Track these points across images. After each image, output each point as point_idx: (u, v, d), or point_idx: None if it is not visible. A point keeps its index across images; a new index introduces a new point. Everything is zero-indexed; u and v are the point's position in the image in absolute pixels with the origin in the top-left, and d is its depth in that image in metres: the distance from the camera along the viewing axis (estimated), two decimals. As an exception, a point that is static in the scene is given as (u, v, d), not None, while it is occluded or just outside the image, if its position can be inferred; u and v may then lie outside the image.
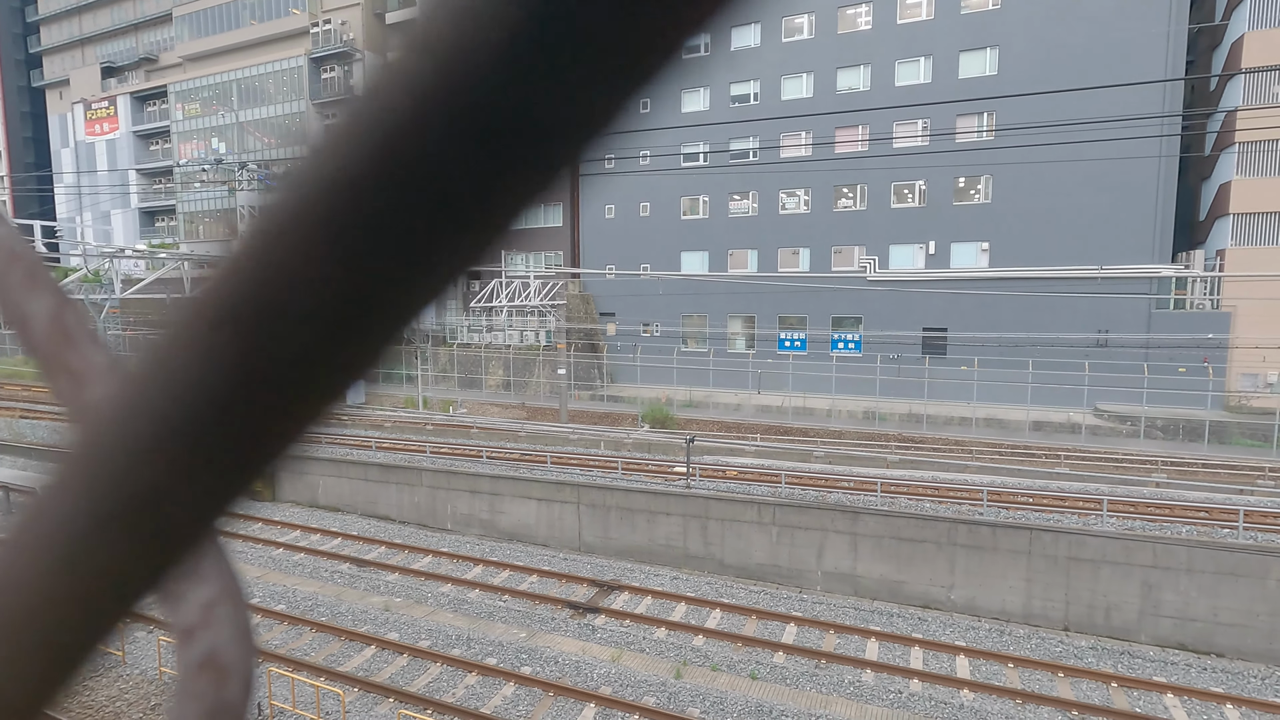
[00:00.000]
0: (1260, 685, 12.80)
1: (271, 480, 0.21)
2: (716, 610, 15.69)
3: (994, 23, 31.27)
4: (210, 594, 0.28)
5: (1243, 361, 28.43)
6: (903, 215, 33.56)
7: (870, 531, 16.54)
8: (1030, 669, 13.29)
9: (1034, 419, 28.36)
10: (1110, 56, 28.84)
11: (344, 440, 26.19)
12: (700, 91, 37.15)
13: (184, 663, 0.26)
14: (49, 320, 0.32)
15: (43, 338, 0.32)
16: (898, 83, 33.13)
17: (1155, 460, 23.46)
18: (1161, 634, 14.35)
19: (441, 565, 18.56)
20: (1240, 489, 19.49)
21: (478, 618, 15.47)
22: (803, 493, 18.47)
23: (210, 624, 0.27)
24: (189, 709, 0.25)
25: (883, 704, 12.14)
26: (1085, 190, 29.92)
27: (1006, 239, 31.57)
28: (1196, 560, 14.14)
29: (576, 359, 36.93)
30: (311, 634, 14.69)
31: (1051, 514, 16.45)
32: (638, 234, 38.95)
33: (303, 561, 18.94)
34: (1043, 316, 30.38)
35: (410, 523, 22.05)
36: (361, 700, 12.27)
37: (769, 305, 35.68)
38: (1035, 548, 15.26)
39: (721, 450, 25.11)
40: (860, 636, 14.50)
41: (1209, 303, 29.76)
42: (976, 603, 15.71)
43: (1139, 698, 12.37)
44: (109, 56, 62.58)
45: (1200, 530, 15.14)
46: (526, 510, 20.35)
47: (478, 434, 28.55)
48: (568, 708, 11.90)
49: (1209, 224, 30.88)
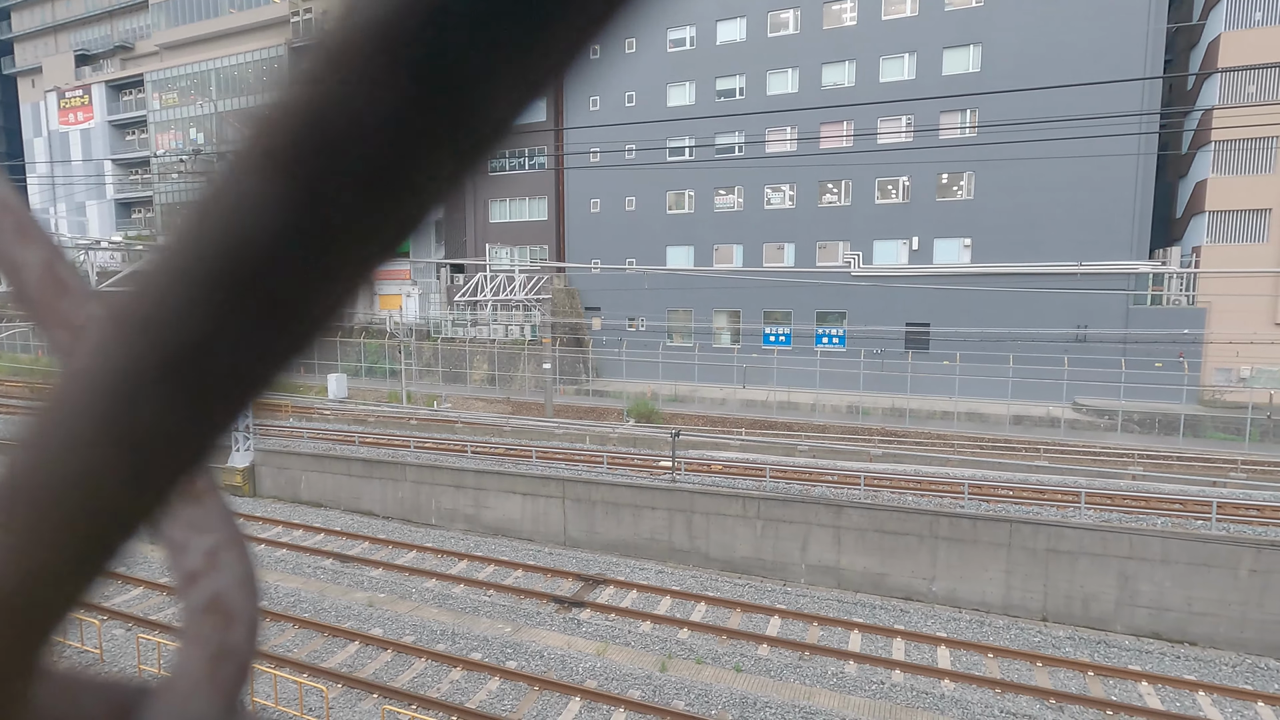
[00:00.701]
0: (1231, 673, 13.10)
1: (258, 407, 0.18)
2: (701, 603, 15.76)
3: (977, 20, 31.50)
4: (213, 542, 0.28)
5: (1217, 357, 28.99)
6: (886, 211, 33.79)
7: (854, 525, 16.69)
8: (1009, 659, 13.50)
9: (1014, 413, 28.74)
10: (1090, 55, 29.17)
11: (327, 435, 25.95)
12: (686, 85, 37.09)
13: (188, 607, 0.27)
14: (42, 270, 0.32)
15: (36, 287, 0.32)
16: (882, 79, 33.30)
17: (1132, 453, 23.88)
18: (1137, 624, 14.63)
19: (426, 560, 18.47)
20: (1213, 481, 19.89)
21: (462, 613, 15.42)
22: (787, 487, 18.58)
23: (214, 569, 0.28)
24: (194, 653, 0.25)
25: (865, 695, 12.28)
26: (1065, 187, 30.30)
27: (988, 235, 31.90)
28: (1171, 551, 14.42)
29: (562, 353, 36.84)
30: (294, 630, 14.57)
31: (1031, 507, 16.69)
32: (623, 228, 38.87)
33: (285, 558, 18.77)
34: (1023, 312, 30.77)
35: (394, 518, 21.92)
36: (345, 696, 12.20)
37: (754, 300, 35.79)
38: (1015, 540, 15.49)
39: (707, 444, 25.20)
40: (843, 628, 14.64)
41: (1185, 299, 30.29)
42: (957, 594, 15.92)
43: (1114, 686, 12.61)
44: (83, 44, 61.25)
45: (1175, 522, 15.44)
46: (511, 505, 20.30)
47: (462, 429, 28.41)
48: (553, 702, 11.92)
49: (1185, 221, 31.40)
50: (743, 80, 35.89)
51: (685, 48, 36.88)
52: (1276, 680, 12.87)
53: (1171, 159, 32.43)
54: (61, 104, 59.35)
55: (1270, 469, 21.77)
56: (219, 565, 0.28)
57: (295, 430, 26.91)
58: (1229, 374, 29.03)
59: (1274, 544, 13.85)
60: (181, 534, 0.28)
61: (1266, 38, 27.82)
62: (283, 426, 27.96)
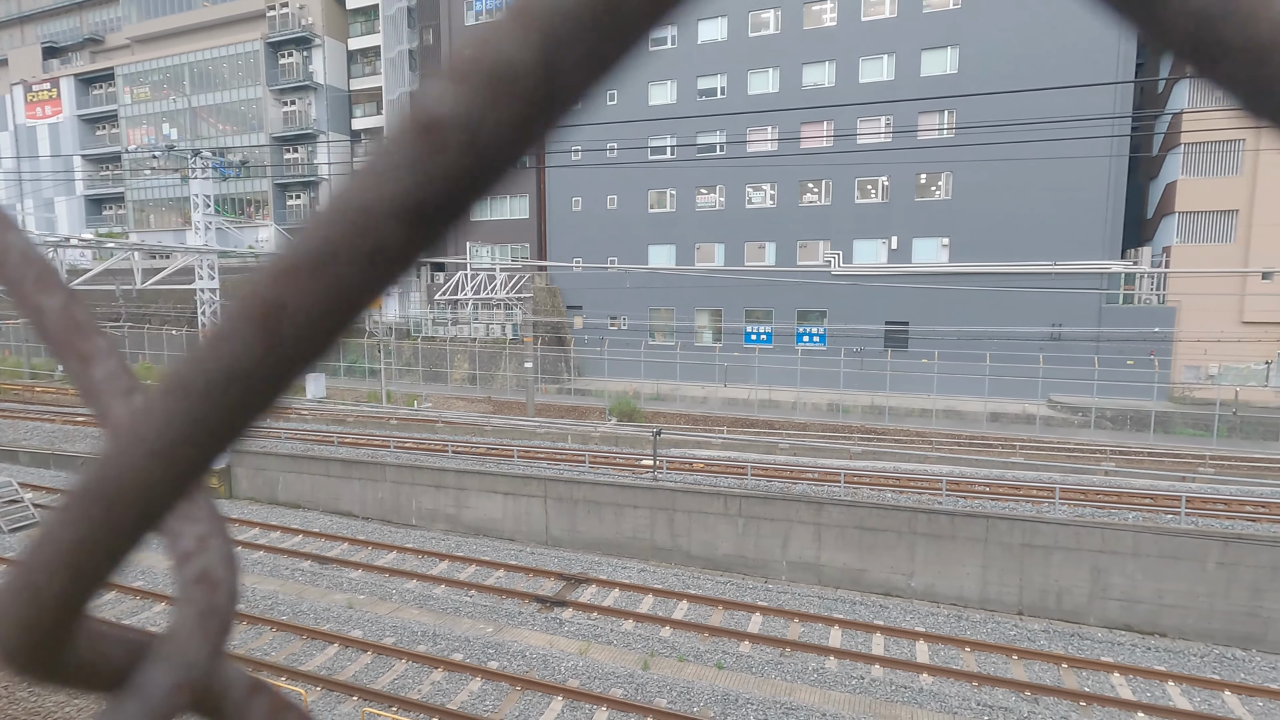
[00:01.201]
0: (1200, 663, 13.42)
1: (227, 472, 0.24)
2: (684, 601, 15.81)
3: (955, 22, 31.89)
4: (201, 529, 0.36)
5: (1186, 354, 29.66)
6: (866, 210, 34.10)
7: (834, 522, 16.84)
8: (986, 652, 13.71)
9: (991, 410, 29.18)
10: (1064, 58, 29.68)
11: (304, 435, 25.63)
12: (667, 84, 37.13)
13: (182, 579, 0.34)
14: (60, 312, 0.39)
15: (55, 327, 0.38)
16: (862, 79, 33.59)
17: (1105, 449, 24.36)
18: (1109, 616, 14.94)
19: (406, 561, 18.32)
20: (1183, 476, 20.37)
21: (444, 613, 15.32)
22: (768, 484, 18.70)
23: (203, 550, 0.35)
24: (186, 611, 0.34)
25: (845, 690, 12.40)
26: (1040, 188, 30.80)
27: (966, 235, 32.33)
28: (1142, 545, 14.74)
29: (543, 352, 36.72)
30: (272, 633, 14.38)
31: (1007, 502, 16.96)
32: (605, 227, 38.83)
33: (262, 560, 18.51)
34: (1000, 310, 31.23)
35: (374, 519, 21.70)
36: (325, 699, 12.07)
37: (736, 299, 35.95)
38: (992, 535, 15.73)
39: (688, 443, 25.27)
40: (824, 624, 14.77)
41: (1155, 298, 30.94)
42: (936, 589, 16.13)
43: (1088, 678, 12.86)
44: (51, 36, 59.80)
45: (1146, 516, 15.78)
46: (493, 505, 20.20)
47: (443, 428, 28.21)
48: (535, 701, 11.89)
49: (1156, 222, 32.07)
50: (724, 80, 36.01)
51: (666, 46, 36.91)
52: (1242, 669, 13.21)
53: (1143, 161, 33.11)
54: (28, 97, 57.88)
55: (1237, 464, 22.33)
56: (207, 547, 0.35)
57: (272, 430, 26.54)
58: (1198, 371, 29.72)
59: (1240, 537, 14.21)
60: (177, 523, 0.35)
61: (1233, 43, 28.44)
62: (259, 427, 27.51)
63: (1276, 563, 13.90)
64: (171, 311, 43.33)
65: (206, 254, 21.26)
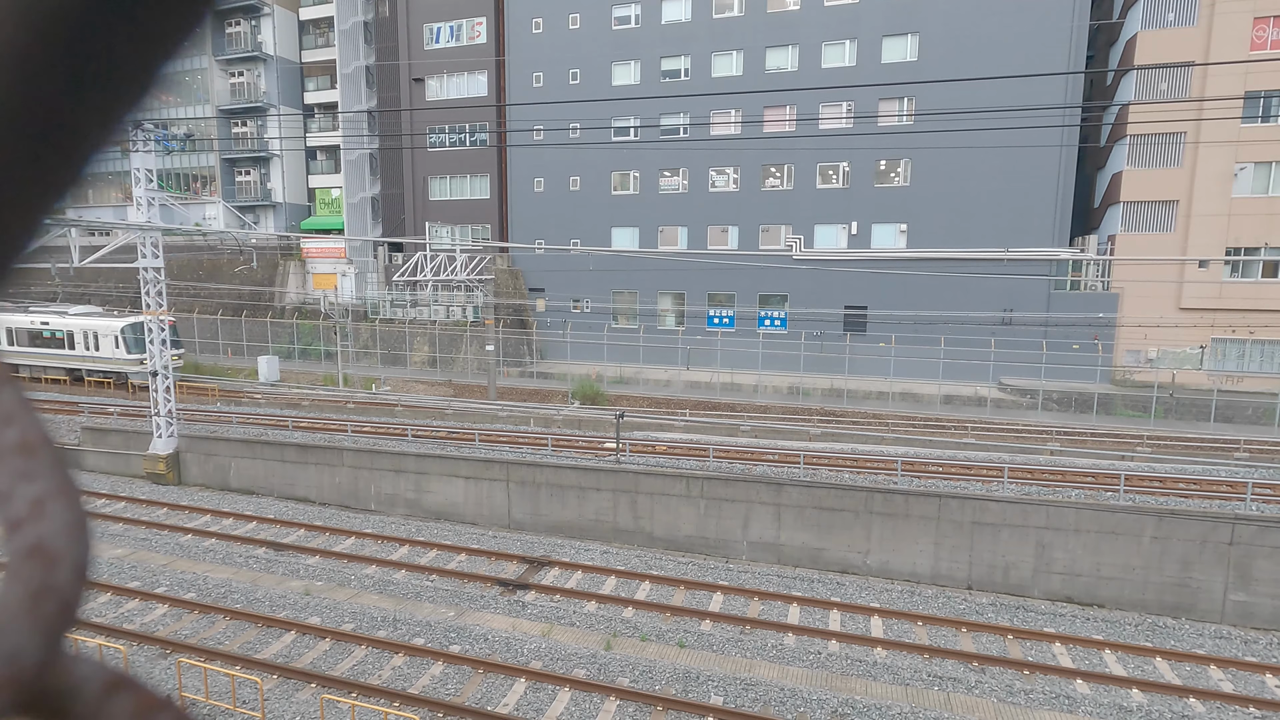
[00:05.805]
0: (1134, 631, 14.16)
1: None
2: (646, 582, 15.97)
3: (915, 9, 32.23)
4: (39, 491, 0.30)
5: (1128, 339, 30.94)
6: (827, 196, 34.47)
7: (793, 502, 17.17)
8: (937, 626, 14.22)
9: (945, 393, 30.03)
10: (1018, 48, 30.33)
11: (258, 420, 24.93)
12: (631, 64, 36.74)
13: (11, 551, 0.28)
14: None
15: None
16: (824, 64, 33.77)
17: (1050, 430, 25.33)
18: (1052, 589, 15.63)
19: (365, 547, 18.06)
20: (1122, 455, 21.34)
21: (404, 598, 15.18)
22: (730, 466, 18.94)
23: (39, 517, 0.29)
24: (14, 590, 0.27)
25: (803, 665, 12.73)
26: (994, 176, 31.55)
27: (923, 221, 32.98)
28: (1084, 521, 15.42)
29: (505, 335, 36.33)
30: (225, 622, 14.06)
31: (959, 482, 17.53)
32: (568, 208, 38.43)
33: (214, 547, 18.02)
34: (955, 296, 32.04)
35: (331, 504, 21.30)
36: (281, 687, 11.87)
37: (698, 282, 36.07)
38: (944, 514, 16.25)
39: (651, 426, 25.40)
40: (783, 602, 15.10)
41: (1100, 284, 32.12)
42: (890, 566, 16.63)
43: (1031, 648, 13.46)
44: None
45: (1088, 494, 16.50)
46: (454, 489, 20.02)
47: (402, 412, 27.77)
48: (497, 684, 11.91)
49: (1102, 211, 33.20)
50: (688, 61, 35.80)
51: (630, 25, 36.46)
52: (1173, 637, 13.99)
53: (1091, 151, 34.15)
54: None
55: (1172, 444, 23.47)
56: (45, 514, 0.29)
57: (223, 415, 25.73)
58: (1138, 355, 31.04)
59: (1173, 513, 14.98)
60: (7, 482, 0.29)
61: (1177, 38, 29.48)
62: (209, 411, 26.69)
63: (1205, 537, 14.71)
64: (113, 291, 41.47)
65: (150, 231, 20.36)
